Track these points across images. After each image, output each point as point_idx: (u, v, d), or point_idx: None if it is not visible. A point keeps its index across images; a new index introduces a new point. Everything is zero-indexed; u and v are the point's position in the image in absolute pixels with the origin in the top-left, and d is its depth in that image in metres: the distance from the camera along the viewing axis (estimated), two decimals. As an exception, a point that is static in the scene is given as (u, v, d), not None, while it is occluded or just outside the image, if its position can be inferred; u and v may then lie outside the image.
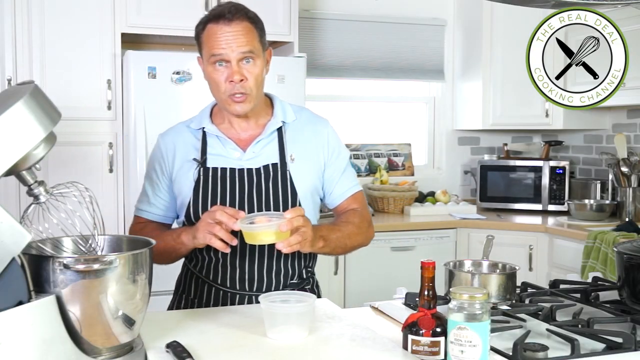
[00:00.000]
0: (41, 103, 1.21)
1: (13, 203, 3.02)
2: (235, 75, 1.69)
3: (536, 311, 1.59)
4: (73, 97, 3.21)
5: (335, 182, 1.86)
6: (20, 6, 3.14)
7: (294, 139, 1.82)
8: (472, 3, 4.31)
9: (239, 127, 1.82)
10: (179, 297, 1.88)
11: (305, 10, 4.08)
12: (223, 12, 1.70)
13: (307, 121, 1.87)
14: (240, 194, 1.76)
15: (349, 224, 1.81)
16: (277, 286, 1.77)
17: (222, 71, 1.71)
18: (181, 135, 1.85)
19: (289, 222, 1.51)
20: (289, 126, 1.83)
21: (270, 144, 1.80)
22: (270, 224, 1.51)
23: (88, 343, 1.26)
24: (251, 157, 1.78)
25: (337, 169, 1.86)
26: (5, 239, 1.14)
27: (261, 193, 1.76)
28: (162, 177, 1.85)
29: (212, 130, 1.81)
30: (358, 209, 1.87)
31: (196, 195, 1.77)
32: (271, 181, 1.77)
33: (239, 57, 1.69)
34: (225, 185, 1.76)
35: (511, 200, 4.19)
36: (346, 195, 1.87)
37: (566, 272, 3.14)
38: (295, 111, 1.87)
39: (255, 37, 1.73)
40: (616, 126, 4.07)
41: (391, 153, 4.45)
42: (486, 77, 4.18)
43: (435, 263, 1.34)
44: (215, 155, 1.79)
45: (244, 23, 1.71)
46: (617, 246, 1.70)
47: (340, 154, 1.88)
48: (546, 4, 1.94)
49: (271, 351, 1.36)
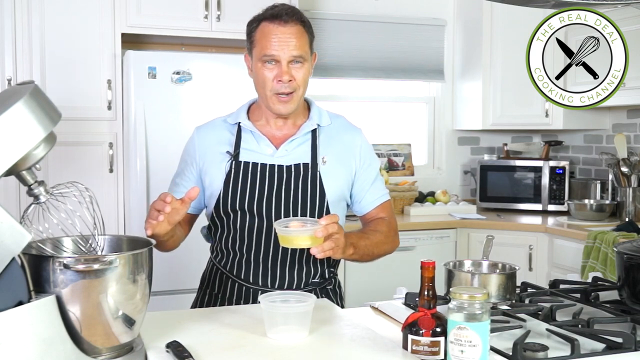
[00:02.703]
0: (41, 103, 1.21)
1: (13, 203, 3.02)
2: (285, 75, 1.73)
3: (536, 311, 1.59)
4: (73, 97, 3.21)
5: (365, 190, 1.89)
6: (20, 6, 3.14)
7: (327, 143, 1.85)
8: (472, 3, 4.31)
9: (274, 126, 1.85)
10: (202, 293, 1.92)
11: (305, 10, 4.07)
12: (280, 13, 1.74)
13: (342, 127, 1.91)
14: (270, 189, 1.79)
15: (378, 232, 1.85)
16: (299, 284, 1.80)
17: (271, 69, 1.74)
18: (217, 128, 1.88)
19: (325, 228, 1.53)
20: (323, 130, 1.87)
21: (303, 145, 1.83)
22: (306, 229, 1.55)
23: (88, 343, 1.26)
24: (283, 155, 1.81)
25: (368, 178, 1.89)
26: (5, 239, 1.14)
27: (290, 190, 1.79)
28: (191, 169, 1.88)
29: (247, 125, 1.84)
30: (386, 218, 1.90)
31: (226, 187, 1.80)
32: (301, 180, 1.79)
33: (289, 59, 1.73)
34: (255, 179, 1.79)
35: (511, 200, 4.19)
36: (375, 204, 1.91)
37: (566, 272, 3.14)
38: (331, 117, 1.91)
39: (307, 42, 1.78)
40: (616, 126, 4.07)
41: (391, 153, 4.45)
42: (486, 77, 4.18)
43: (435, 263, 1.34)
44: (248, 150, 1.82)
45: (298, 26, 1.75)
46: (617, 246, 1.70)
47: (371, 164, 1.91)
48: (546, 4, 1.94)
49: (271, 351, 1.36)
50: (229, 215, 1.81)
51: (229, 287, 1.84)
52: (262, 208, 1.78)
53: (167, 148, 3.17)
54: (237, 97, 3.08)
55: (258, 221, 1.78)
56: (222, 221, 1.83)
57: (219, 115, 1.96)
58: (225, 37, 3.44)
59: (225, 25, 3.42)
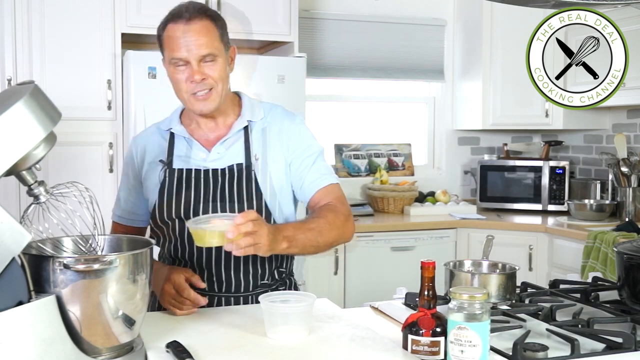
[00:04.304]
0: (41, 103, 1.21)
1: (13, 203, 3.02)
2: (196, 75, 1.66)
3: (536, 311, 1.59)
4: (73, 97, 3.21)
5: (303, 177, 1.78)
6: (20, 6, 3.14)
7: (259, 138, 1.78)
8: (472, 3, 4.31)
9: (206, 128, 1.79)
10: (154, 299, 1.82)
11: (305, 10, 4.08)
12: (181, 11, 1.66)
13: (275, 119, 1.81)
14: (205, 196, 1.73)
15: (320, 219, 1.68)
16: (248, 287, 1.75)
17: (182, 71, 1.68)
18: (151, 137, 1.84)
19: (236, 227, 1.42)
20: (255, 125, 1.79)
21: (235, 144, 1.77)
22: (215, 226, 1.45)
23: (88, 343, 1.26)
24: (216, 158, 1.76)
25: (304, 163, 1.78)
26: (5, 239, 1.14)
27: (225, 193, 1.73)
28: (134, 181, 1.84)
29: (179, 131, 1.79)
30: (331, 203, 1.75)
31: (161, 197, 1.75)
32: (236, 182, 1.74)
33: (198, 58, 1.66)
34: (190, 186, 1.74)
35: (511, 200, 4.19)
36: (315, 188, 1.77)
37: (566, 272, 3.14)
38: (265, 109, 1.83)
39: (216, 36, 1.68)
40: (616, 126, 4.07)
41: (391, 153, 4.45)
42: (486, 77, 4.18)
43: (435, 263, 1.34)
44: (181, 156, 1.77)
45: (203, 22, 1.66)
46: (617, 246, 1.70)
47: (307, 149, 1.79)
48: (546, 4, 1.94)
49: (271, 351, 1.36)
50: (167, 224, 1.75)
51: None
52: (199, 214, 1.70)
53: (167, 148, 3.17)
54: (237, 97, 3.11)
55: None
56: (162, 230, 1.78)
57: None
58: (225, 37, 3.44)
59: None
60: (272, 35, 3.57)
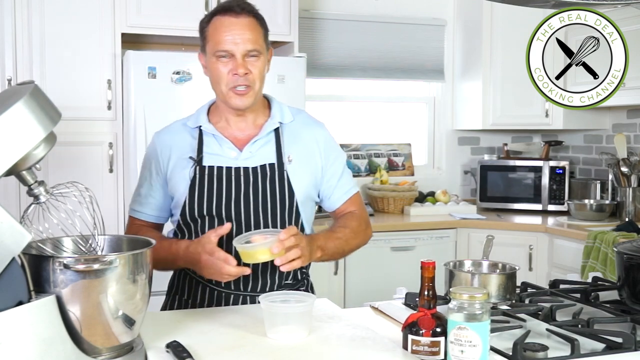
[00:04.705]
0: (41, 103, 1.21)
1: (13, 203, 3.02)
2: (240, 68, 1.69)
3: (536, 311, 1.59)
4: (73, 97, 3.21)
5: (333, 186, 1.86)
6: (20, 6, 3.14)
7: (291, 140, 1.81)
8: (472, 3, 4.31)
9: (235, 127, 1.81)
10: (172, 298, 1.86)
11: (305, 10, 4.08)
12: (232, 5, 1.71)
13: (304, 123, 1.86)
14: (237, 193, 1.75)
15: (346, 229, 1.82)
16: (272, 286, 1.77)
17: (225, 63, 1.71)
18: (178, 133, 1.84)
19: (281, 243, 1.54)
20: (285, 127, 1.82)
21: (267, 145, 1.79)
22: (265, 243, 1.56)
23: (88, 343, 1.26)
24: (248, 157, 1.77)
25: (335, 173, 1.86)
26: (5, 239, 1.14)
27: (257, 192, 1.75)
28: (157, 177, 1.84)
29: (208, 128, 1.80)
30: (356, 212, 1.88)
31: (192, 193, 1.75)
32: (268, 181, 1.76)
33: (244, 52, 1.70)
34: (221, 184, 1.75)
35: (511, 200, 4.19)
36: (344, 199, 1.88)
37: (566, 272, 3.14)
38: (293, 113, 1.87)
39: (261, 35, 1.75)
40: (616, 126, 4.07)
41: (391, 153, 4.45)
42: (486, 77, 4.18)
43: (435, 263, 1.34)
44: (211, 154, 1.78)
45: (250, 18, 1.72)
46: (617, 246, 1.70)
47: (337, 158, 1.87)
48: (546, 4, 1.94)
49: (271, 351, 1.36)
50: (196, 221, 1.76)
51: (199, 292, 1.79)
52: (230, 212, 1.73)
53: (167, 148, 3.17)
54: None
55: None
56: (189, 228, 1.79)
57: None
58: (225, 37, 3.44)
59: (225, 25, 3.42)
60: (272, 35, 3.47)
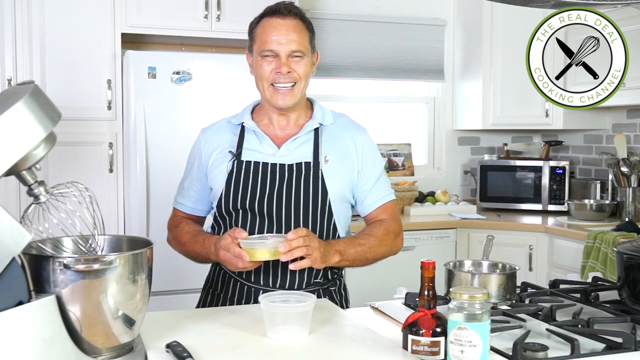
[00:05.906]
0: (41, 103, 1.21)
1: (13, 203, 3.02)
2: (283, 67, 1.75)
3: (536, 311, 1.59)
4: (73, 97, 3.21)
5: (367, 190, 1.88)
6: (20, 6, 3.14)
7: (329, 142, 1.85)
8: (472, 3, 4.31)
9: (277, 126, 1.86)
10: (206, 293, 1.93)
11: (305, 10, 4.05)
12: (279, 7, 1.78)
13: (345, 127, 1.91)
14: (271, 188, 1.79)
15: (371, 237, 1.84)
16: (302, 284, 1.80)
17: (270, 62, 1.77)
18: (221, 129, 1.90)
19: (288, 243, 1.59)
20: (326, 129, 1.87)
21: (305, 144, 1.84)
22: (265, 243, 1.61)
23: (88, 343, 1.26)
24: (285, 154, 1.82)
25: (371, 178, 1.89)
26: (5, 239, 1.14)
27: (291, 189, 1.79)
28: (198, 171, 1.90)
29: (250, 125, 1.85)
30: (386, 220, 1.89)
31: (228, 186, 1.81)
32: (303, 179, 1.80)
33: (288, 52, 1.76)
34: (257, 178, 1.80)
35: (511, 200, 4.19)
36: (376, 205, 1.89)
37: (566, 272, 3.15)
38: (335, 116, 1.92)
39: (306, 37, 1.80)
40: (616, 126, 4.07)
41: (391, 153, 4.45)
42: (486, 77, 4.18)
43: (435, 263, 1.34)
44: (250, 149, 1.83)
45: (297, 21, 1.78)
46: (617, 246, 1.70)
47: (375, 164, 1.91)
48: (546, 4, 1.94)
49: (271, 351, 1.36)
50: (231, 214, 1.82)
51: (231, 286, 1.84)
52: (264, 207, 1.78)
53: (167, 148, 3.17)
54: (237, 97, 3.11)
55: (260, 220, 1.79)
56: (224, 220, 1.84)
57: (219, 115, 1.98)
58: (225, 37, 3.44)
59: (225, 25, 3.43)
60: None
